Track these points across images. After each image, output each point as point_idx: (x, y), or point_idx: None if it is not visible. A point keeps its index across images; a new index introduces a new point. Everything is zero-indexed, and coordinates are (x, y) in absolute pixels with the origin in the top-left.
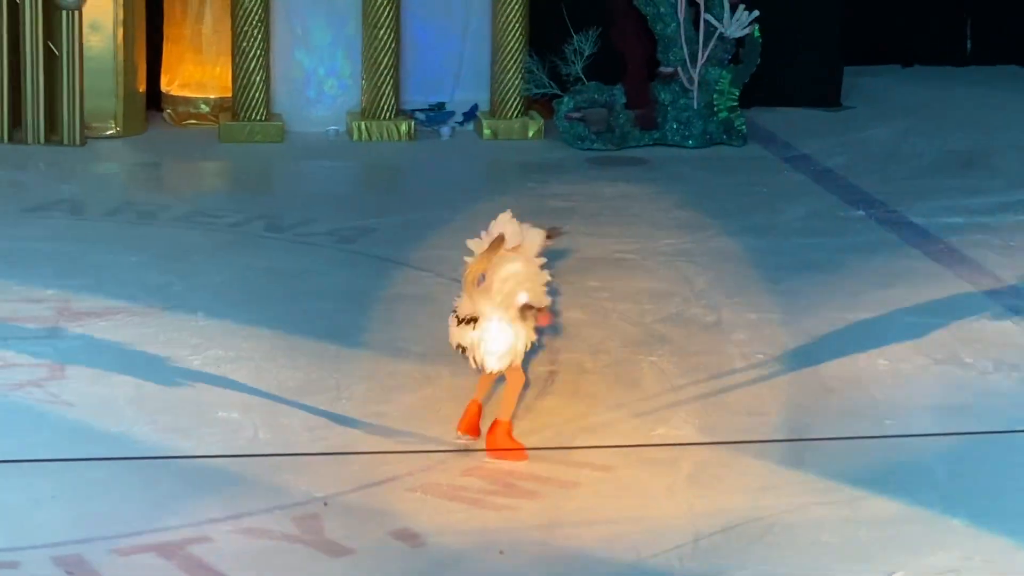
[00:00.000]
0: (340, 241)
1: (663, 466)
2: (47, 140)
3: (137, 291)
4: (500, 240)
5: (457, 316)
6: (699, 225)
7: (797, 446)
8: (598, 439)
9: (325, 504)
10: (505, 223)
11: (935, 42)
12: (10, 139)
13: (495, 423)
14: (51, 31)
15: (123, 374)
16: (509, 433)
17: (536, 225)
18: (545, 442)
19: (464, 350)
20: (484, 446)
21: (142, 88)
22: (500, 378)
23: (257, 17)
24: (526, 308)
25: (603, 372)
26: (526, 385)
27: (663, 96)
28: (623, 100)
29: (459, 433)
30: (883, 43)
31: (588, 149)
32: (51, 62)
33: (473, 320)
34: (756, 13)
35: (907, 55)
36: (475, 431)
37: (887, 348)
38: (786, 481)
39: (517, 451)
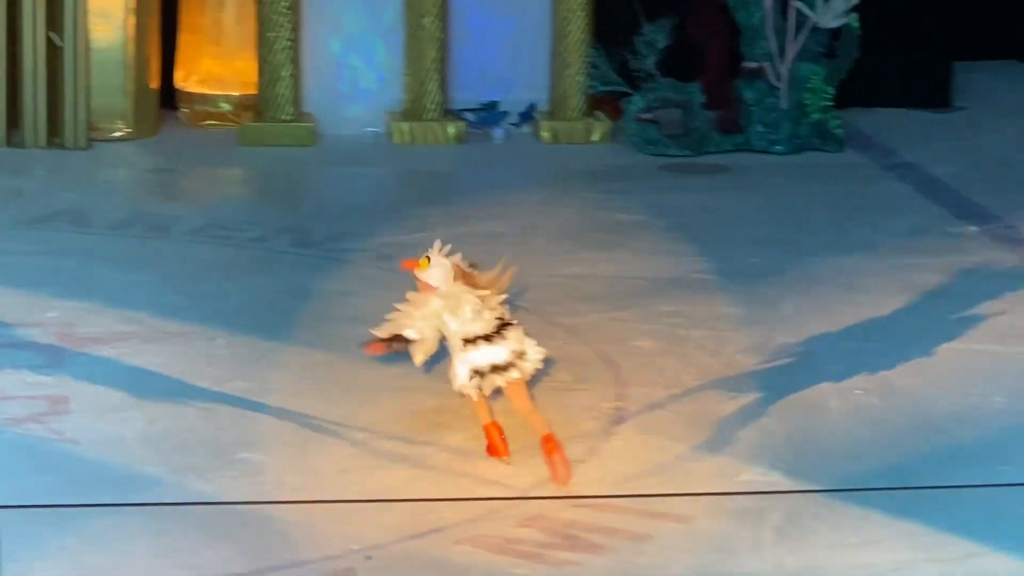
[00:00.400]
0: (378, 258)
1: (748, 517)
2: (48, 143)
3: (148, 314)
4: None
5: (467, 339)
6: (787, 241)
7: (901, 494)
8: (673, 485)
9: (368, 558)
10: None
11: None
12: (8, 141)
13: (549, 438)
14: (53, 19)
15: (133, 408)
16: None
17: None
18: (612, 488)
19: (496, 369)
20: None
21: (155, 84)
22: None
23: (285, 3)
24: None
25: (678, 408)
26: None
27: (747, 95)
28: (701, 99)
29: (501, 459)
30: (999, 35)
31: (661, 155)
32: (53, 54)
33: (487, 337)
34: (854, 0)
35: None
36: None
37: (1003, 383)
38: (889, 535)
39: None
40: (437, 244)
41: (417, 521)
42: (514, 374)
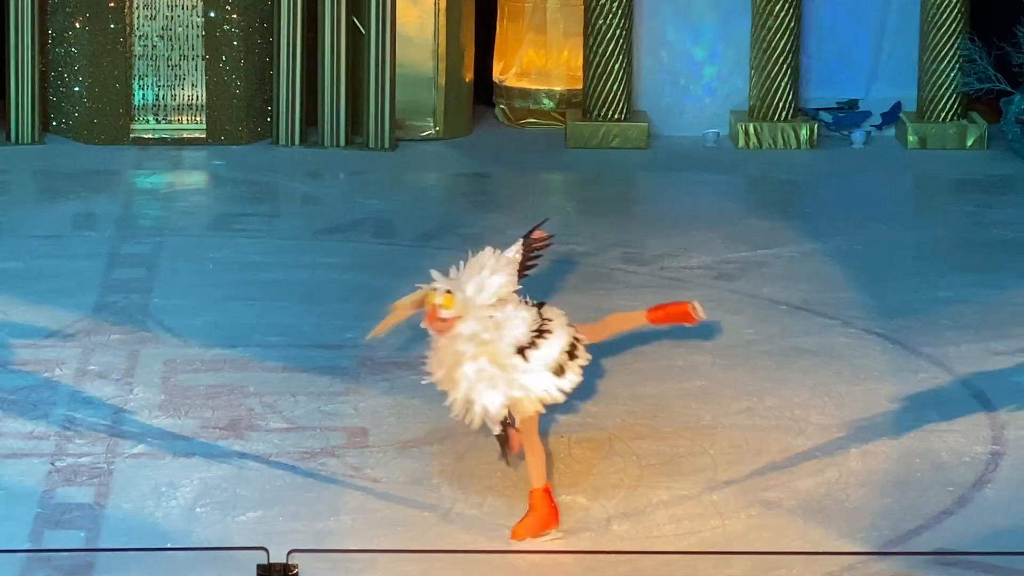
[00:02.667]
0: (719, 278)
1: None
2: (349, 143)
3: None
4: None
5: (539, 330)
6: None
7: None
8: None
9: None
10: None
11: None
12: (303, 141)
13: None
14: (356, 3)
15: (438, 442)
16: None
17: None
18: (984, 544)
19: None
20: None
21: (469, 77)
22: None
23: None
24: None
25: None
26: None
27: None
28: None
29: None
30: None
31: None
32: (355, 43)
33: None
34: None
35: None
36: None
37: None
38: None
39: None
40: (435, 274)
41: None
42: (580, 358)
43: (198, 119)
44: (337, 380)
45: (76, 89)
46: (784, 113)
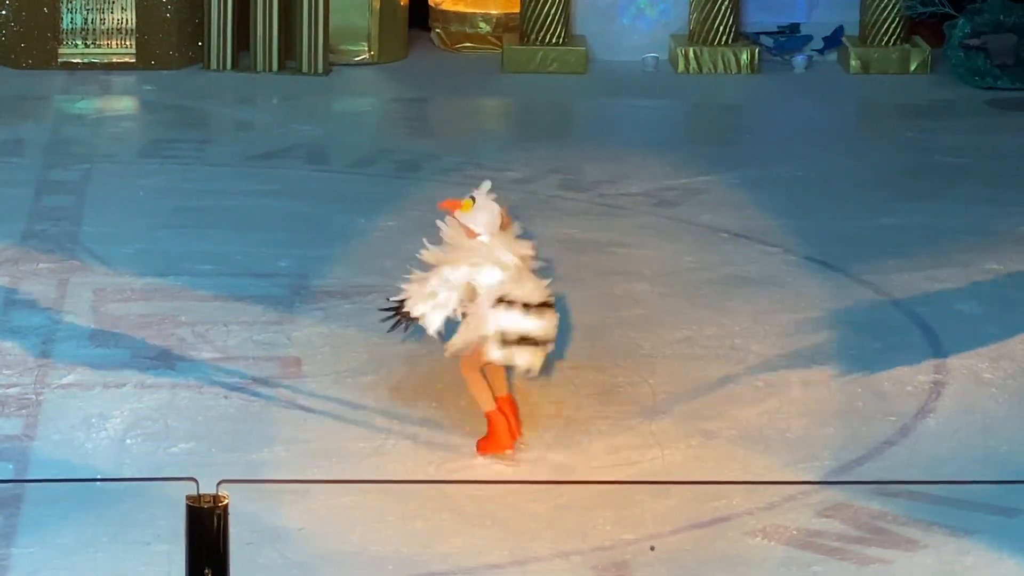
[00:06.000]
0: (659, 204)
1: None
2: (281, 67)
3: (394, 265)
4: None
5: (526, 303)
6: None
7: None
8: (999, 472)
9: (652, 549)
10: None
11: None
12: (235, 66)
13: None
14: None
15: (373, 372)
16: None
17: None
18: (926, 474)
19: (538, 344)
20: None
21: (404, 1)
22: None
23: None
24: None
25: (1006, 384)
26: None
27: None
28: None
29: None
30: None
31: (989, 87)
32: None
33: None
34: None
35: None
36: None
37: None
38: None
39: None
40: (486, 185)
41: (701, 508)
42: (536, 361)
43: (128, 43)
44: (270, 309)
45: (3, 12)
46: (724, 37)
